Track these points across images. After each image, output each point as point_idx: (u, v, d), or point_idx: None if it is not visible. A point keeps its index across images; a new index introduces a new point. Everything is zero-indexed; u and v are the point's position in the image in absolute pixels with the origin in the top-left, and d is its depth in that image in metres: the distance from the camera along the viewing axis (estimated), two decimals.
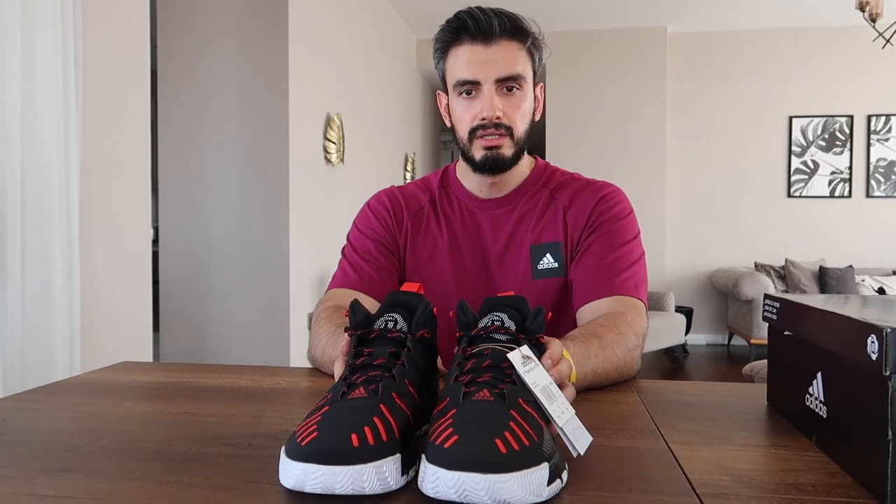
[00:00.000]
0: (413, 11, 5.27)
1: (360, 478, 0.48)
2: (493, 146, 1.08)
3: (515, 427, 0.49)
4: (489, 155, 1.08)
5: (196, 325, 3.20)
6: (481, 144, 1.08)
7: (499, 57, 1.05)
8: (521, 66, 1.06)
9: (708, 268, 5.92)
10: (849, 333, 0.56)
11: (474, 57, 1.05)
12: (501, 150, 1.08)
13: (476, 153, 1.09)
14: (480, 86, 1.05)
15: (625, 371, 0.95)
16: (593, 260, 1.09)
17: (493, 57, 1.04)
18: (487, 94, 1.05)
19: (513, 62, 1.05)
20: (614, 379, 0.93)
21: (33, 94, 1.59)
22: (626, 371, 0.95)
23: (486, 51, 1.05)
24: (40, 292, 1.60)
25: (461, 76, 1.06)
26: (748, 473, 0.57)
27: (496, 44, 1.05)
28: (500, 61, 1.05)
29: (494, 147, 1.08)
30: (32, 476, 0.56)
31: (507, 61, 1.05)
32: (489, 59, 1.04)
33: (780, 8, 5.25)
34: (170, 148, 3.21)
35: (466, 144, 1.10)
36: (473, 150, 1.09)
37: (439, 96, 1.19)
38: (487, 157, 1.08)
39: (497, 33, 1.04)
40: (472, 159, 1.10)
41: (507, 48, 1.05)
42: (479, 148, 1.09)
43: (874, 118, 5.69)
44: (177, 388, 0.90)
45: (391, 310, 0.66)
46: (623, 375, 0.94)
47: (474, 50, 1.05)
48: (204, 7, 3.17)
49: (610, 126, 5.77)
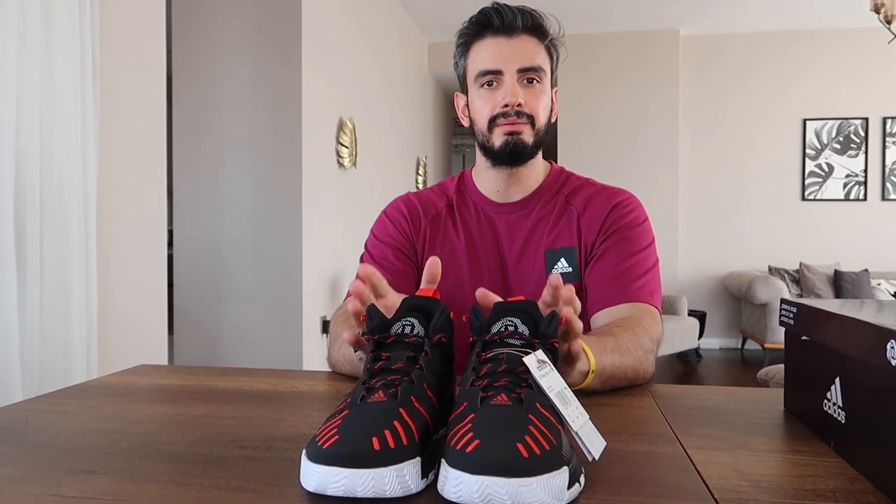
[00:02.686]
0: (425, 15, 5.29)
1: (381, 481, 0.48)
2: (514, 131, 1.09)
3: (535, 431, 0.49)
4: (510, 140, 1.09)
5: (210, 327, 3.22)
6: (502, 131, 1.09)
7: (521, 49, 1.08)
8: (541, 60, 1.09)
9: (721, 271, 5.89)
10: (868, 339, 0.56)
11: (497, 49, 1.08)
12: (522, 136, 1.09)
13: (496, 140, 1.10)
14: (502, 76, 1.08)
15: (640, 371, 0.94)
16: (608, 267, 1.09)
17: (516, 48, 1.08)
18: (509, 83, 1.07)
19: (534, 55, 1.09)
20: (631, 378, 0.92)
21: (52, 101, 1.61)
22: (642, 372, 0.95)
23: (508, 43, 1.08)
24: (58, 295, 1.62)
25: (483, 67, 1.09)
26: (766, 479, 0.57)
27: (518, 37, 1.08)
28: (521, 52, 1.08)
29: (515, 132, 1.09)
30: (58, 477, 0.57)
31: (529, 53, 1.08)
32: (511, 50, 1.07)
33: (793, 10, 5.23)
34: (184, 152, 3.24)
35: (486, 134, 1.11)
36: (493, 137, 1.10)
37: (457, 97, 1.20)
38: (508, 142, 1.09)
39: (519, 28, 1.08)
40: (492, 148, 1.11)
41: (529, 42, 1.09)
42: (499, 135, 1.10)
43: (890, 120, 5.65)
44: (195, 392, 0.91)
45: (408, 314, 0.67)
46: (639, 376, 0.94)
47: (497, 42, 1.08)
48: (218, 12, 3.20)
49: (622, 129, 5.76)
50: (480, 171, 1.20)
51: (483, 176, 1.20)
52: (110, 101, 1.89)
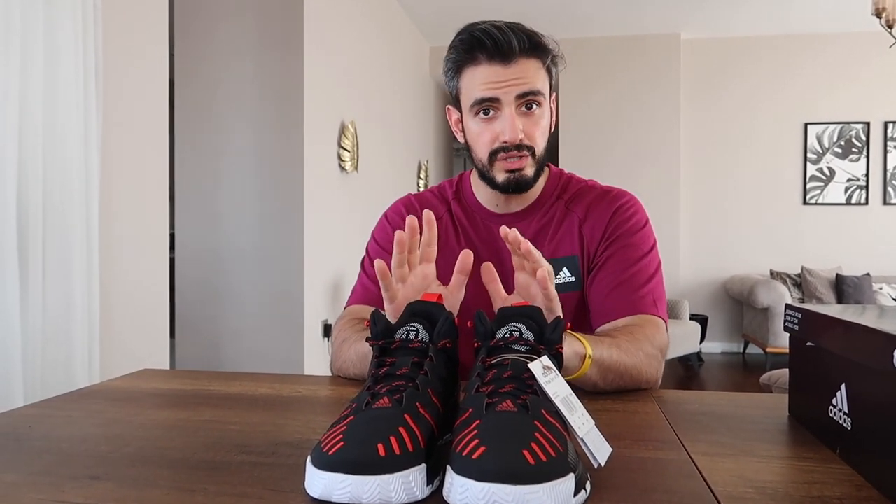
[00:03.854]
0: (427, 19, 5.30)
1: (387, 487, 0.48)
2: (516, 168, 1.06)
3: (541, 438, 0.49)
4: (512, 178, 1.07)
5: (211, 331, 3.22)
6: (503, 167, 1.06)
7: (519, 74, 1.02)
8: (540, 83, 1.04)
9: (723, 275, 5.88)
10: (874, 345, 0.55)
11: (493, 77, 1.02)
12: (524, 172, 1.07)
13: (498, 175, 1.08)
14: (500, 104, 1.03)
15: (643, 374, 0.94)
16: (610, 277, 1.08)
17: (514, 75, 1.02)
18: (508, 116, 1.03)
19: (533, 79, 1.03)
20: (634, 378, 0.93)
21: (55, 104, 1.62)
22: (645, 375, 0.94)
23: (505, 71, 1.02)
24: (61, 299, 1.62)
25: (479, 95, 1.03)
26: (772, 485, 0.57)
27: (516, 63, 1.02)
28: (520, 78, 1.02)
29: (517, 169, 1.06)
30: (61, 483, 0.57)
31: (528, 78, 1.03)
32: (509, 78, 1.02)
33: (794, 14, 5.23)
34: (186, 155, 3.24)
35: (486, 166, 1.08)
36: (494, 171, 1.08)
37: (449, 111, 1.17)
38: (511, 179, 1.07)
39: (517, 52, 1.01)
40: (494, 181, 1.09)
41: (528, 67, 1.03)
42: (500, 170, 1.07)
43: (891, 125, 5.64)
44: (198, 396, 0.90)
45: (412, 319, 0.67)
46: (642, 377, 0.94)
47: (493, 70, 1.02)
48: (220, 16, 3.20)
49: (623, 133, 5.76)
50: (479, 185, 1.17)
51: (482, 190, 1.17)
52: (112, 105, 1.89)
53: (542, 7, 4.99)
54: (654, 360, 0.97)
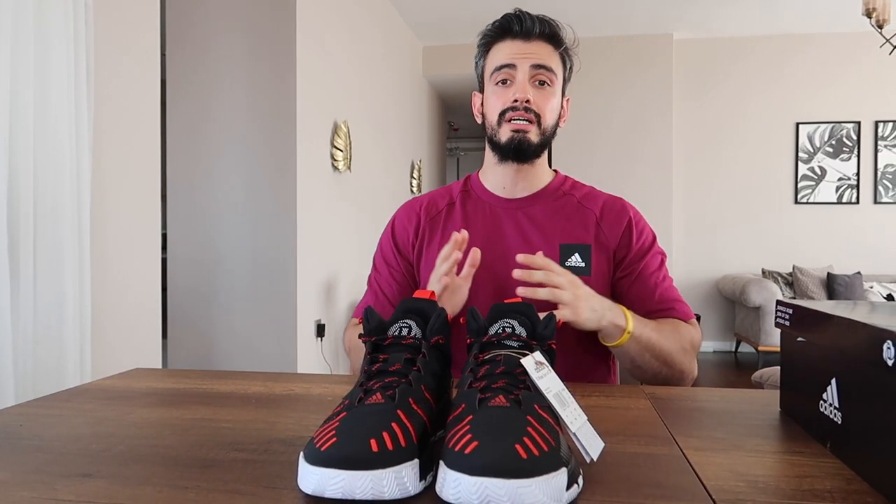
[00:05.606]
0: (420, 19, 5.29)
1: (379, 483, 0.48)
2: (520, 129, 1.15)
3: (533, 432, 0.49)
4: (515, 137, 1.15)
5: (204, 331, 3.21)
6: (509, 127, 1.16)
7: (536, 50, 1.16)
8: (554, 63, 1.17)
9: (715, 274, 5.91)
10: (864, 339, 0.56)
11: (514, 48, 1.16)
12: (528, 135, 1.15)
13: (503, 135, 1.16)
14: (515, 71, 1.15)
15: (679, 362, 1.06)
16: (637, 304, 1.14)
17: (531, 50, 1.15)
18: (521, 79, 1.14)
19: (548, 57, 1.16)
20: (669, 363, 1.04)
21: (46, 106, 1.61)
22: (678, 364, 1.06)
23: (524, 45, 1.16)
24: (52, 299, 1.62)
25: (500, 62, 1.16)
26: (764, 479, 0.58)
27: (534, 41, 1.16)
28: (536, 53, 1.15)
29: (521, 130, 1.15)
30: (53, 481, 0.57)
31: (543, 54, 1.16)
32: (526, 51, 1.15)
33: (786, 14, 5.26)
34: (178, 155, 3.23)
35: (495, 128, 1.17)
36: (501, 132, 1.17)
37: (475, 96, 1.27)
38: (514, 138, 1.15)
39: (536, 34, 1.16)
40: (499, 142, 1.17)
41: (544, 47, 1.17)
42: (506, 130, 1.16)
43: (882, 124, 5.68)
44: (190, 395, 0.90)
45: (405, 316, 0.67)
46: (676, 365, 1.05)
47: (514, 44, 1.17)
48: (212, 16, 3.19)
49: (616, 133, 5.78)
50: (487, 168, 1.25)
51: (490, 173, 1.25)
52: (104, 107, 1.88)
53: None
54: (690, 356, 1.09)
